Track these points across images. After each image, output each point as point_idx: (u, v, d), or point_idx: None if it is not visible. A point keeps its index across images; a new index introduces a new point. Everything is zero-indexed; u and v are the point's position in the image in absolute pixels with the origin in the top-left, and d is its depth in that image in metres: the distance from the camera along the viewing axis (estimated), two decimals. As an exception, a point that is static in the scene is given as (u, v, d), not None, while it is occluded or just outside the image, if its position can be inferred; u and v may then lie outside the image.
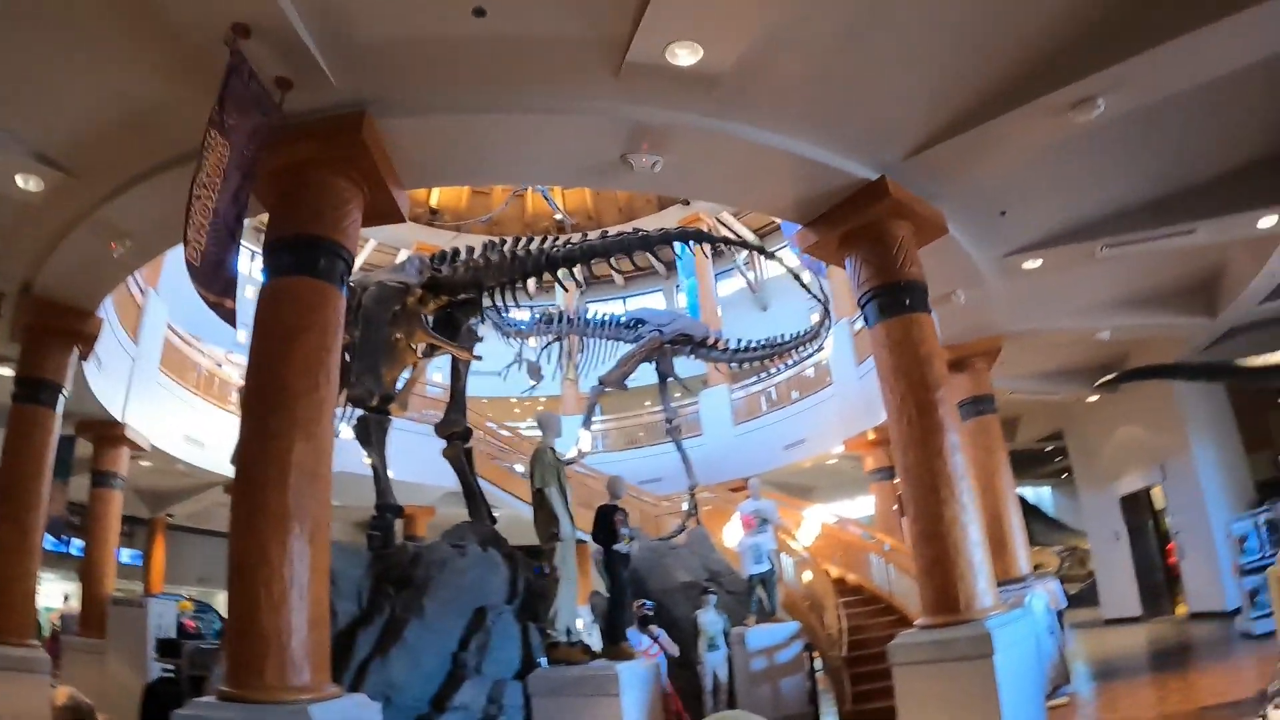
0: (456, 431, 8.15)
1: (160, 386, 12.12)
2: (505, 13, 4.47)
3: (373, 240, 17.98)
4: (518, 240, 7.80)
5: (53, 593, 13.90)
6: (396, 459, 8.36)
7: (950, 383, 6.32)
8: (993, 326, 9.31)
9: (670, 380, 12.56)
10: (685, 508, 12.24)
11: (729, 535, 12.25)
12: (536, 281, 7.77)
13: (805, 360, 13.51)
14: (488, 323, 10.36)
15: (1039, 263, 7.85)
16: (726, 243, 9.63)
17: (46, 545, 9.21)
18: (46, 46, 4.54)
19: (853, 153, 6.07)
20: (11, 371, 7.46)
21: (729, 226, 18.62)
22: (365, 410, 7.41)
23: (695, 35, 4.70)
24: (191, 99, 4.76)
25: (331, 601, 4.57)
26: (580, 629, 6.97)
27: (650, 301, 21.26)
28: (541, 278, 7.72)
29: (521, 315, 12.20)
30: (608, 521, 7.01)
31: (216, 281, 4.15)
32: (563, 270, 7.66)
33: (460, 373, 8.39)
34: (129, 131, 5.17)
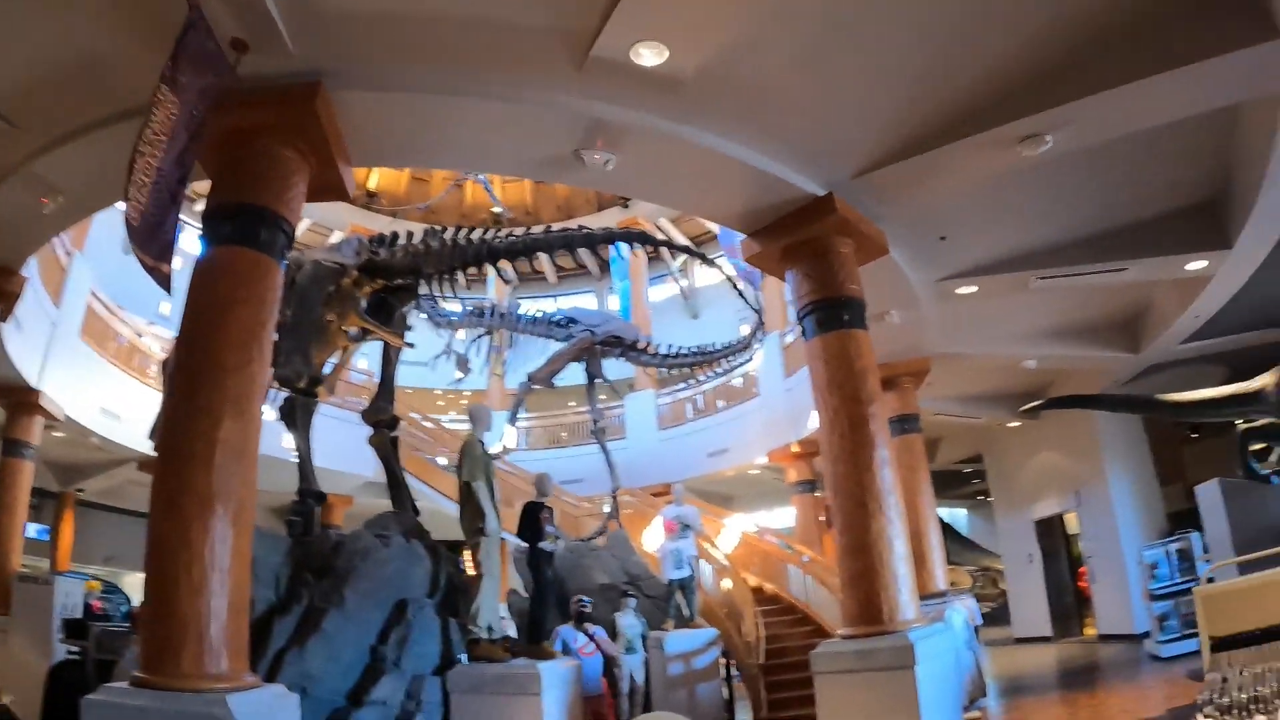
0: (384, 419, 7.94)
1: (79, 354, 11.45)
2: (474, -6, 4.38)
3: (306, 219, 17.36)
4: (459, 229, 7.66)
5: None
6: (315, 445, 8.09)
7: (882, 399, 6.49)
8: (923, 348, 9.61)
9: (598, 381, 12.51)
10: (606, 510, 12.20)
11: (649, 539, 12.30)
12: (477, 271, 7.62)
13: (734, 370, 13.66)
14: (418, 311, 10.13)
15: (974, 289, 8.14)
16: (670, 246, 9.67)
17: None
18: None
19: (803, 168, 6.17)
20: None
21: (666, 232, 18.71)
22: (292, 391, 7.14)
23: (662, 36, 4.71)
24: (140, 54, 4.54)
25: (249, 588, 4.37)
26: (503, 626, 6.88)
27: (581, 301, 21.17)
28: (481, 268, 7.60)
29: (453, 306, 11.98)
30: (534, 519, 6.93)
31: (154, 243, 3.94)
32: (504, 262, 7.55)
33: (391, 359, 8.18)
34: (72, 82, 4.89)
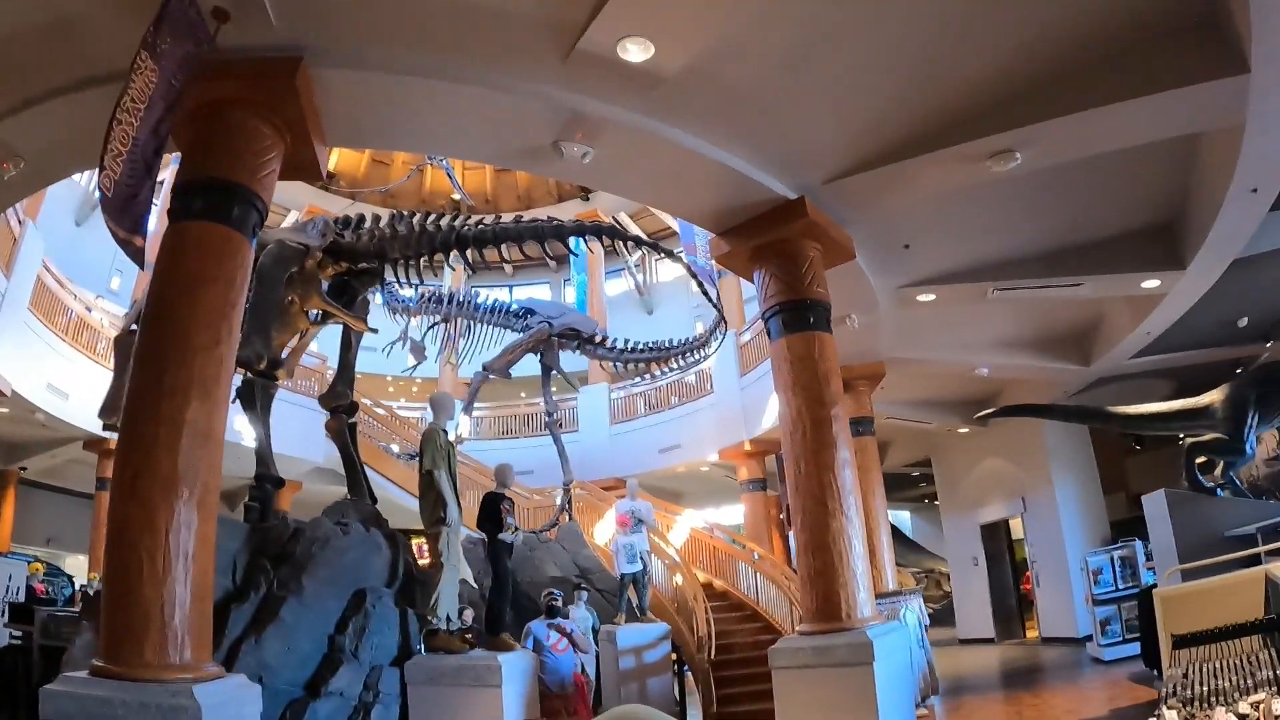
0: (342, 405, 7.80)
1: (27, 328, 10.99)
2: (464, -22, 4.34)
3: (261, 197, 16.83)
4: (427, 214, 7.55)
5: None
6: (265, 429, 7.89)
7: (844, 401, 6.62)
8: (880, 352, 9.81)
9: (554, 373, 12.46)
10: (559, 502, 12.18)
11: (600, 533, 12.33)
12: (444, 259, 7.52)
13: (691, 367, 13.75)
14: (375, 296, 9.95)
15: (933, 297, 8.34)
16: (639, 243, 9.66)
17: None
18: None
19: (777, 170, 6.25)
20: None
21: (625, 226, 18.68)
22: (251, 374, 6.96)
23: (650, 33, 4.72)
24: (112, 19, 4.40)
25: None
26: (470, 619, 6.81)
27: (537, 292, 21.05)
28: (449, 256, 7.51)
29: (409, 292, 11.80)
30: (494, 509, 6.87)
31: (127, 216, 3.81)
32: (471, 251, 7.47)
33: (351, 344, 8.05)
34: (39, 43, 4.65)
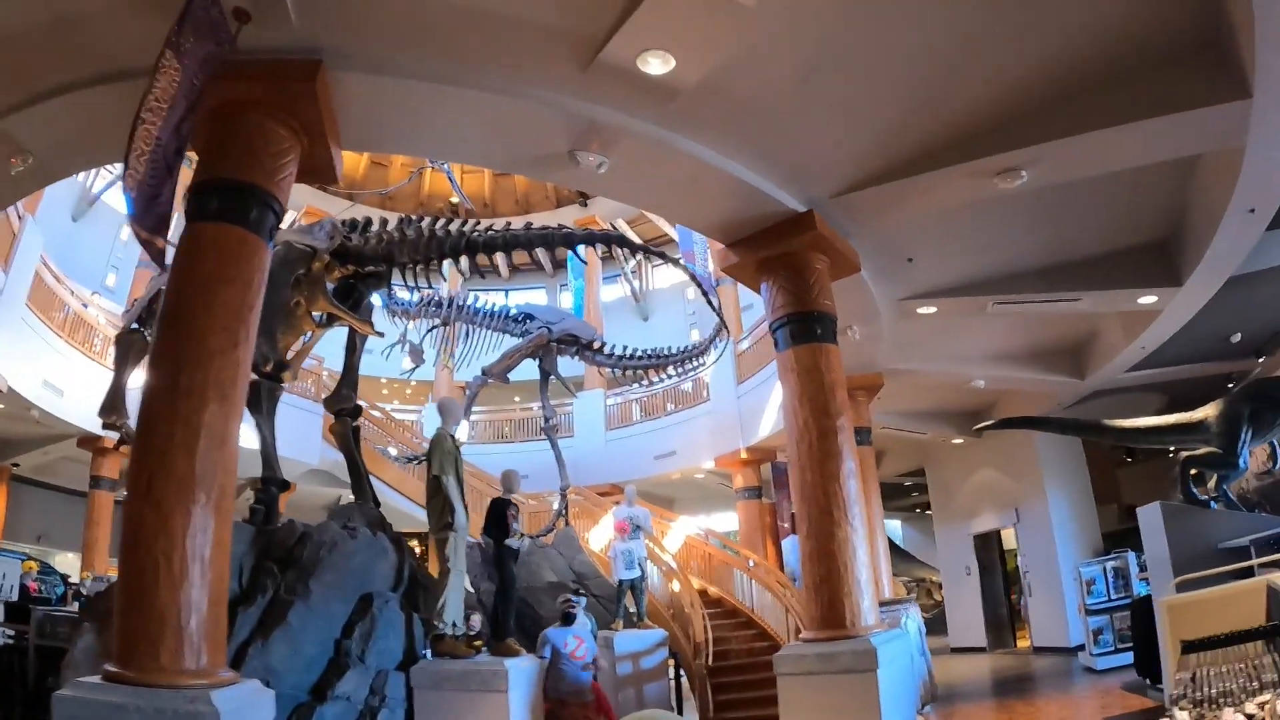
0: (346, 408, 7.78)
1: (24, 324, 10.88)
2: (489, -15, 4.36)
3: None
4: (436, 219, 7.56)
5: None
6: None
7: (850, 412, 6.67)
8: (878, 363, 9.89)
9: (552, 379, 12.47)
10: (555, 507, 12.17)
11: (595, 538, 12.32)
12: (454, 263, 7.53)
13: (690, 374, 13.79)
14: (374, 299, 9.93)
15: (934, 310, 8.43)
16: (648, 252, 9.69)
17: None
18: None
19: (787, 184, 6.32)
20: None
21: (622, 233, 18.73)
22: (257, 375, 6.94)
23: (672, 46, 4.77)
24: (126, 17, 4.41)
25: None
26: (477, 624, 6.80)
27: (533, 297, 21.05)
28: (458, 260, 7.51)
29: (410, 295, 11.79)
30: (501, 515, 6.90)
31: (149, 216, 3.80)
32: (481, 256, 7.49)
33: (355, 347, 8.03)
34: (53, 38, 4.63)
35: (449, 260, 7.49)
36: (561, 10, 4.59)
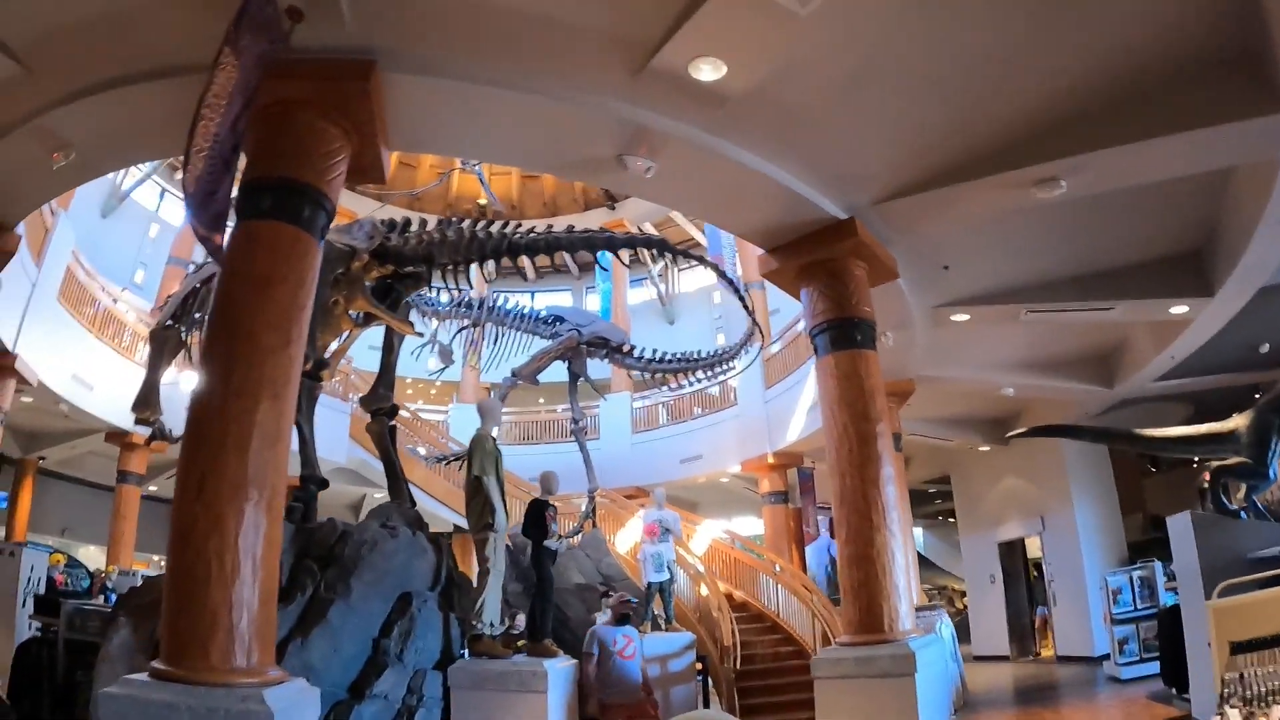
0: (384, 407, 7.82)
1: (56, 318, 11.03)
2: (544, -11, 4.38)
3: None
4: (476, 220, 7.57)
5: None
6: (285, 429, 7.88)
7: (888, 417, 6.64)
8: (910, 370, 9.85)
9: (580, 381, 12.47)
10: (583, 509, 12.18)
11: (622, 541, 12.33)
12: (495, 265, 7.55)
13: (719, 378, 13.76)
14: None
15: (967, 317, 8.40)
16: (688, 257, 9.67)
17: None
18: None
19: (829, 191, 6.31)
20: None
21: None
22: (297, 374, 6.98)
23: (724, 53, 4.79)
24: (172, 14, 4.48)
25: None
26: (521, 623, 6.81)
27: (559, 299, 21.11)
28: (499, 263, 7.52)
29: (442, 296, 11.84)
30: (540, 516, 6.90)
31: (206, 213, 3.82)
32: (524, 258, 7.50)
33: (393, 346, 8.07)
34: (102, 32, 4.69)
35: (490, 262, 7.48)
36: (616, 16, 4.61)
